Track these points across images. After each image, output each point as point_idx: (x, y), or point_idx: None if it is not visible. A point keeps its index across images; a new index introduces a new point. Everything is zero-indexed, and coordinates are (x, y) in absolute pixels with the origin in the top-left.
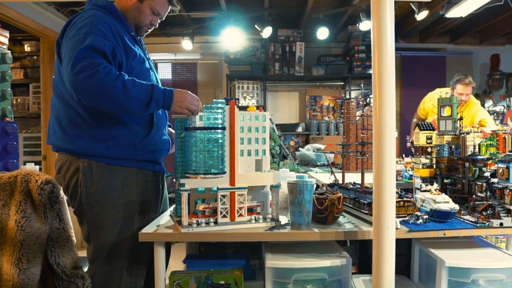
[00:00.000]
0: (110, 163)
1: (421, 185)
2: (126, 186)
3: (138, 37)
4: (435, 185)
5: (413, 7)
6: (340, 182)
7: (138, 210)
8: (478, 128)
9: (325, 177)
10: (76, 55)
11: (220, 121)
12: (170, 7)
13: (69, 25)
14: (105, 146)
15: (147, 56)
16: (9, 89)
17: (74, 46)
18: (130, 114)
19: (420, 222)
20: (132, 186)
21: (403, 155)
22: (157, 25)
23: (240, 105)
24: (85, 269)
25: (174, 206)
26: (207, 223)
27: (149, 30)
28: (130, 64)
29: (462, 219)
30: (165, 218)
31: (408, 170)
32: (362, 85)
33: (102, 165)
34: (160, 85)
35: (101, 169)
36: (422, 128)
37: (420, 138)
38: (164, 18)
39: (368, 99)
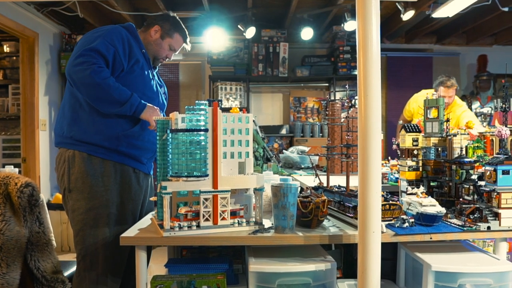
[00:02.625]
0: (91, 153)
1: (407, 188)
2: (105, 176)
3: (149, 58)
4: (422, 188)
5: (399, 7)
6: (325, 185)
7: (115, 202)
8: (465, 130)
9: (310, 180)
10: (81, 52)
11: (202, 123)
12: (183, 44)
13: (91, 30)
14: (91, 131)
15: (154, 73)
16: None
17: (83, 45)
18: (107, 110)
19: (406, 226)
20: (111, 177)
21: (389, 158)
22: (171, 58)
23: (223, 106)
24: (66, 274)
25: (156, 209)
26: (190, 227)
27: (164, 62)
28: (132, 66)
29: (449, 223)
30: (146, 221)
31: (394, 173)
32: (347, 86)
33: (84, 155)
34: (161, 97)
35: (83, 158)
36: (408, 130)
37: (406, 140)
38: (177, 53)
39: (353, 100)
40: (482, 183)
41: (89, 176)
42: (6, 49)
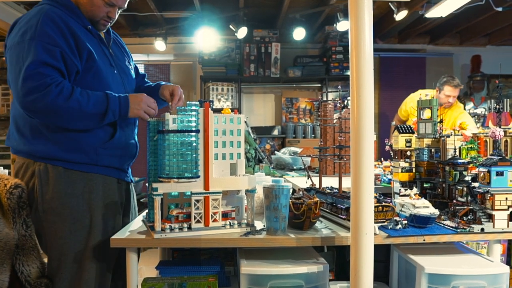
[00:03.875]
0: (68, 167)
1: (400, 189)
2: (86, 193)
3: (97, 33)
4: (415, 190)
5: (392, 7)
6: (317, 186)
7: (100, 220)
8: (458, 131)
9: (302, 181)
10: (25, 72)
11: (194, 124)
12: None
13: (15, 26)
14: (63, 149)
15: (110, 51)
16: None
17: (21, 58)
18: (86, 127)
19: (399, 228)
20: (93, 193)
21: (382, 159)
22: (116, 17)
23: (214, 107)
24: None
25: (146, 211)
26: (181, 229)
27: (109, 24)
28: (87, 61)
29: (442, 225)
30: (137, 223)
31: (387, 174)
32: (339, 86)
33: (60, 169)
34: (131, 78)
35: (59, 174)
36: (401, 131)
37: (399, 141)
38: (125, 7)
39: (346, 101)
40: (476, 184)
41: (67, 195)
42: None
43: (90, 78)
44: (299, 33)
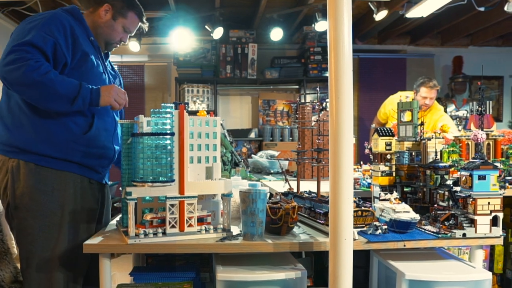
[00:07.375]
0: (40, 164)
1: (380, 193)
2: (57, 190)
3: (98, 46)
4: (395, 194)
5: (371, 6)
6: (295, 190)
7: (71, 219)
8: (440, 134)
9: (279, 186)
10: (12, 47)
11: (168, 127)
12: (139, 24)
13: (26, 19)
14: (37, 140)
15: (106, 64)
16: None
17: (15, 39)
18: (56, 109)
19: (379, 233)
20: (65, 191)
21: (361, 162)
22: (127, 42)
23: (189, 109)
24: None
25: (120, 215)
26: (155, 234)
27: (118, 46)
28: (78, 61)
29: (423, 230)
30: (111, 228)
31: (367, 178)
32: (318, 88)
33: (31, 165)
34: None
35: (30, 170)
36: (381, 134)
37: (379, 144)
38: (133, 34)
39: (324, 103)
40: (458, 188)
41: (37, 191)
42: None
43: (79, 74)
44: (276, 34)
